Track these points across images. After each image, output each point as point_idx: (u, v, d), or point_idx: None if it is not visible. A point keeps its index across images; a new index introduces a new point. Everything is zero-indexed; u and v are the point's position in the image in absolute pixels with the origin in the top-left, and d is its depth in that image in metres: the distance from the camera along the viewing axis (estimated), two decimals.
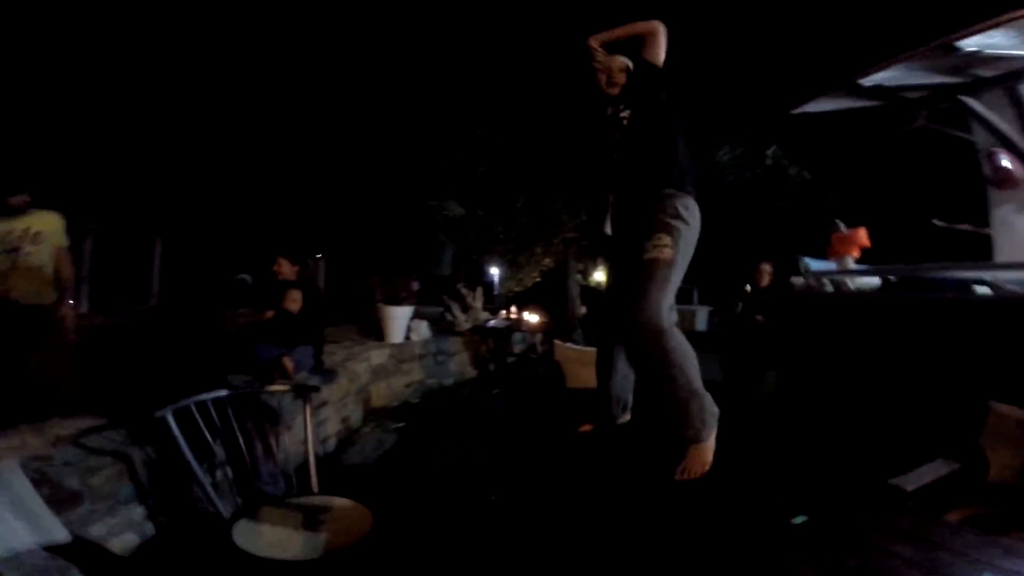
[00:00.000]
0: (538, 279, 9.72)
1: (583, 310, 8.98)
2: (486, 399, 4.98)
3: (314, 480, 2.29)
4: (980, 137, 4.54)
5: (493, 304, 10.06)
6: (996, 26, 2.88)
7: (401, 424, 4.76)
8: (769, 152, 10.35)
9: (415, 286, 9.21)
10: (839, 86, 4.12)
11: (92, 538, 2.03)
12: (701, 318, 17.91)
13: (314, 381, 4.06)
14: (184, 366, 2.91)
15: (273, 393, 3.11)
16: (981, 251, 5.35)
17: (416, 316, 6.79)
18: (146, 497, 2.38)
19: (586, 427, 2.42)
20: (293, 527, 1.91)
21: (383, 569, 2.06)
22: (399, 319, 6.27)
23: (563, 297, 9.25)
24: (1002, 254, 4.57)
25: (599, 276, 12.59)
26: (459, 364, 7.11)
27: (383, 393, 5.36)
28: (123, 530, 2.18)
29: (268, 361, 3.95)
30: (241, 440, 2.75)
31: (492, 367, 7.18)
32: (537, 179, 8.22)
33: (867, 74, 3.86)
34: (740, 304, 5.37)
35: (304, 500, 2.13)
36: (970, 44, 3.18)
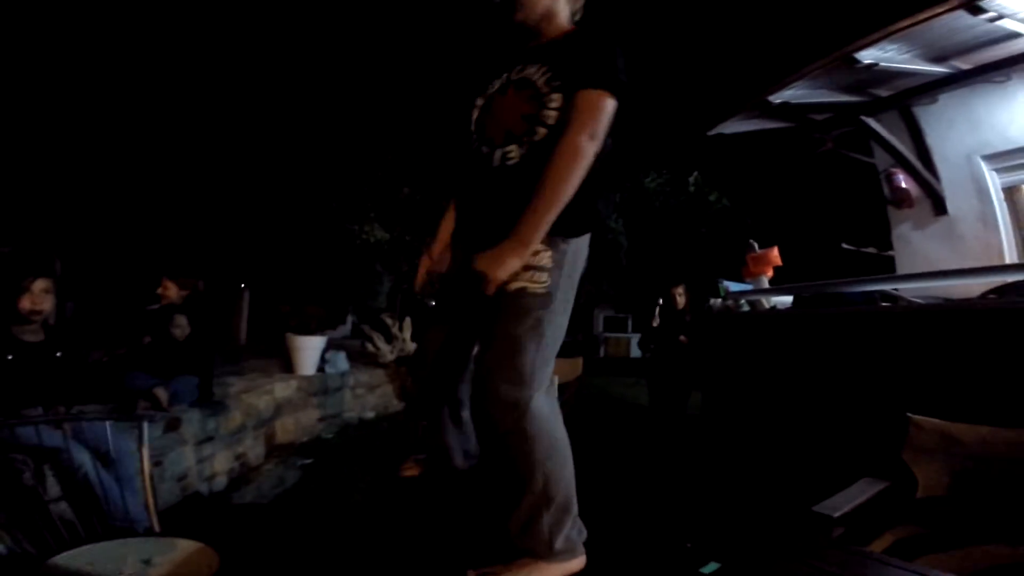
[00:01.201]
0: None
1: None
2: (396, 426, 4.61)
3: (154, 519, 1.98)
4: (880, 158, 4.84)
5: None
6: (892, 35, 3.00)
7: (308, 460, 4.26)
8: (691, 179, 10.79)
9: (351, 319, 8.68)
10: (750, 101, 4.23)
11: None
12: (635, 345, 18.28)
13: (192, 414, 3.57)
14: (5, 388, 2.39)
15: (129, 425, 2.63)
16: (887, 267, 5.66)
17: (336, 347, 6.33)
18: None
19: (410, 470, 1.74)
20: (118, 567, 1.61)
21: None
22: (310, 350, 5.76)
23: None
24: (902, 269, 4.82)
25: None
26: (382, 396, 6.63)
27: (290, 428, 4.82)
28: None
29: (138, 391, 3.45)
30: (79, 475, 2.31)
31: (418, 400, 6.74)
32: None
33: (775, 90, 3.98)
34: (657, 319, 5.35)
35: (142, 540, 1.85)
36: (867, 56, 3.32)
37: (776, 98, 4.07)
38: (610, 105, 1.25)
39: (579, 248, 1.33)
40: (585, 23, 1.50)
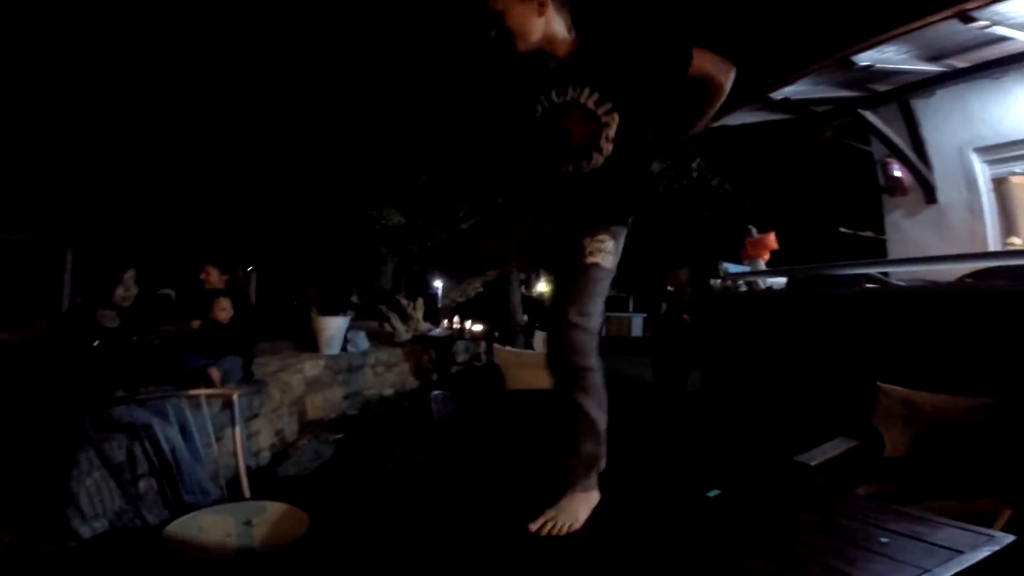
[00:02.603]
0: (481, 290, 9.72)
1: (524, 318, 9.08)
2: (424, 405, 4.93)
3: (245, 486, 2.19)
4: (877, 148, 5.06)
5: (436, 315, 9.97)
6: (885, 41, 3.21)
7: (339, 435, 4.59)
8: (694, 164, 11.00)
9: (354, 299, 8.97)
10: (752, 100, 4.43)
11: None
12: (636, 325, 18.63)
13: (243, 392, 3.88)
14: (93, 377, 2.67)
15: (197, 402, 2.93)
16: (880, 254, 5.92)
17: (354, 327, 6.63)
18: (65, 505, 2.17)
19: None
20: (225, 530, 1.79)
21: (320, 570, 1.97)
22: (335, 330, 6.06)
23: (506, 307, 9.31)
24: (893, 254, 5.08)
25: (541, 287, 12.79)
26: (399, 374, 6.96)
27: (319, 405, 5.14)
28: (39, 539, 1.98)
29: (194, 372, 3.75)
30: (166, 449, 2.61)
31: (435, 376, 7.09)
32: (480, 187, 8.16)
33: (776, 88, 4.18)
34: (663, 305, 5.63)
35: (235, 505, 2.02)
36: (864, 59, 3.53)
37: (777, 94, 4.28)
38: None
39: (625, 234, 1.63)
40: (585, 29, 1.63)
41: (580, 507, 1.48)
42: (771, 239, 4.92)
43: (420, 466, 3.64)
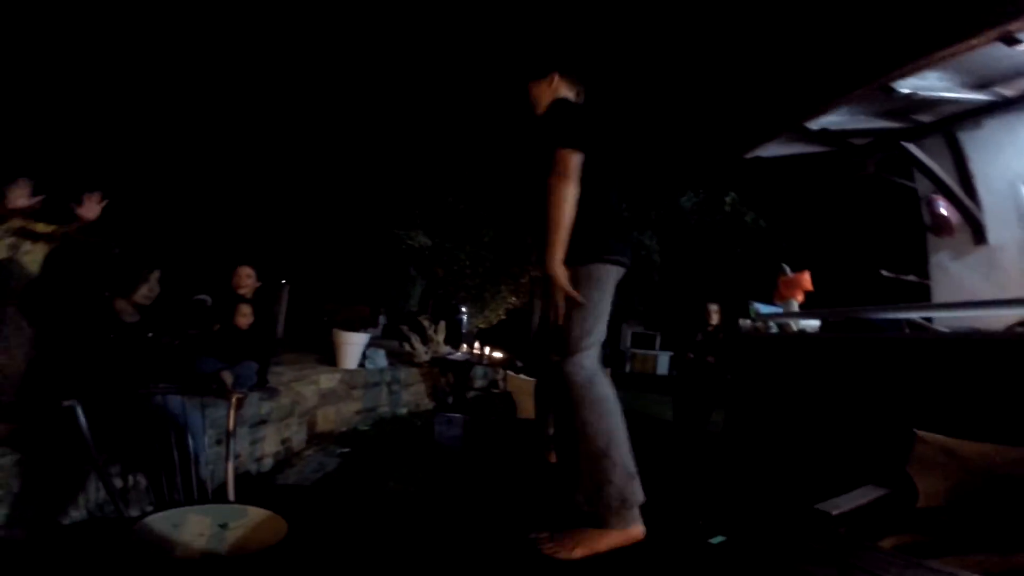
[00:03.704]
0: (504, 317, 9.65)
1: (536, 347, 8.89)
2: (427, 425, 4.83)
3: (231, 490, 2.15)
4: (921, 184, 4.81)
5: (460, 340, 9.93)
6: (926, 67, 3.06)
7: (346, 449, 4.52)
8: (728, 199, 10.81)
9: (382, 319, 9.02)
10: (786, 129, 4.31)
11: None
12: (662, 363, 18.11)
13: (252, 397, 3.87)
14: (102, 368, 2.70)
15: (202, 402, 2.92)
16: (924, 298, 5.58)
17: (377, 345, 6.64)
18: (43, 494, 2.15)
19: (552, 456, 2.16)
20: (199, 530, 1.76)
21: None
22: (354, 345, 6.07)
23: (527, 335, 9.20)
24: (937, 297, 4.75)
25: None
26: (415, 394, 6.88)
27: (331, 418, 5.10)
28: (9, 525, 1.94)
29: (208, 374, 3.78)
30: (157, 445, 2.58)
31: (451, 399, 6.98)
32: (506, 214, 8.20)
33: (812, 117, 4.05)
34: (690, 354, 5.41)
35: (216, 507, 2.00)
36: (905, 86, 3.38)
37: (814, 124, 4.14)
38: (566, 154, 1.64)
39: (599, 272, 1.70)
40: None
41: (591, 541, 1.43)
42: (806, 279, 4.72)
43: (422, 486, 3.52)
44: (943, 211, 4.63)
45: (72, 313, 3.03)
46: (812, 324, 4.45)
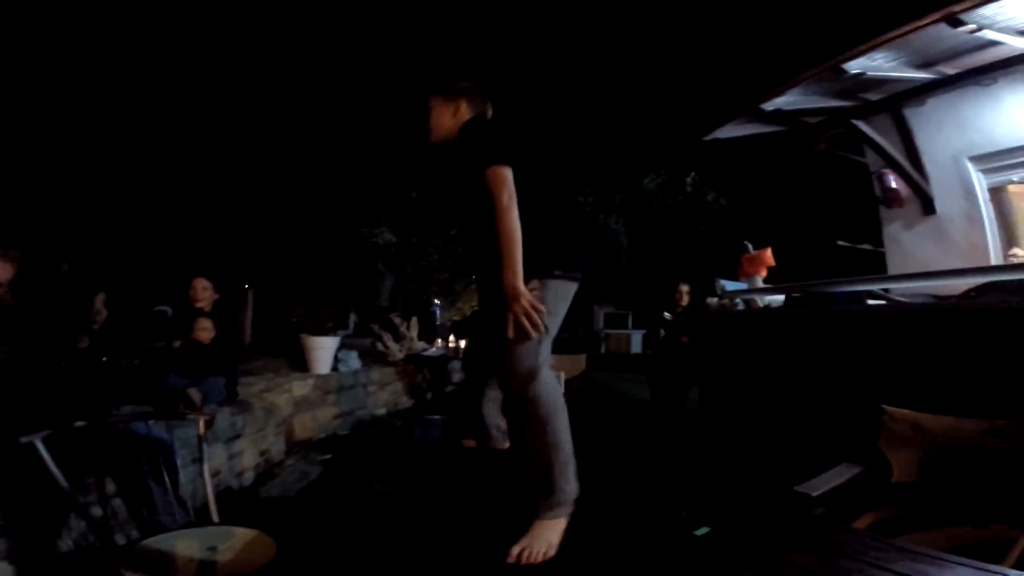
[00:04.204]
0: (476, 307, 9.60)
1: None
2: (406, 425, 4.80)
3: (213, 510, 2.11)
4: (871, 159, 5.00)
5: (434, 334, 9.86)
6: (875, 47, 3.16)
7: (327, 456, 4.46)
8: (689, 179, 11.01)
9: (353, 318, 8.87)
10: (742, 111, 4.38)
11: None
12: (636, 341, 18.46)
13: (223, 412, 3.76)
14: (57, 397, 2.58)
15: (174, 424, 2.84)
16: (879, 267, 5.82)
17: (346, 346, 6.53)
18: (26, 528, 2.07)
19: (470, 443, 2.21)
20: (189, 555, 1.73)
21: None
22: (324, 349, 5.96)
23: (502, 324, 9.18)
24: (892, 267, 4.98)
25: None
26: (392, 394, 6.83)
27: (308, 425, 5.01)
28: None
29: (173, 392, 3.64)
30: (131, 472, 2.49)
31: (429, 396, 6.95)
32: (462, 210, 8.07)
33: (767, 98, 4.14)
34: (661, 331, 5.51)
35: (202, 530, 1.96)
36: (854, 66, 3.48)
37: (768, 105, 4.24)
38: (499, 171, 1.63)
39: (555, 287, 1.70)
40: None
41: (551, 533, 1.49)
42: (768, 255, 4.82)
43: (406, 488, 3.51)
44: (893, 184, 4.83)
45: (19, 342, 2.88)
46: (778, 299, 4.57)
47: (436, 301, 10.58)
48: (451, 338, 9.04)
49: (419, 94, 2.00)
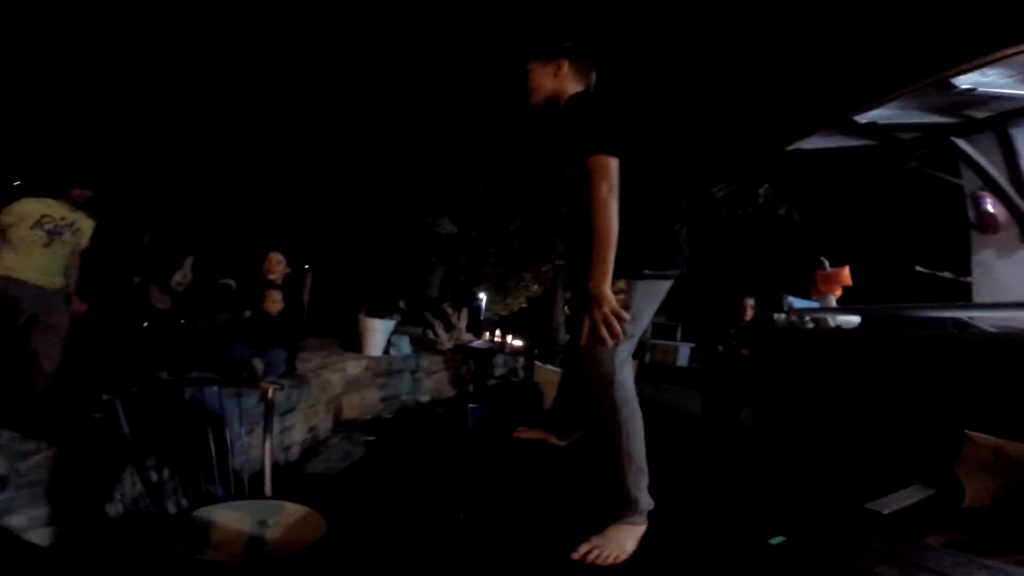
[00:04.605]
0: (525, 305, 9.61)
1: (567, 337, 8.88)
2: (460, 415, 4.84)
3: (268, 484, 2.16)
4: (968, 180, 4.63)
5: (479, 327, 9.95)
6: (992, 63, 2.91)
7: (371, 437, 4.56)
8: (761, 190, 10.50)
9: (402, 305, 9.08)
10: (834, 122, 4.16)
11: (11, 527, 1.83)
12: (683, 354, 17.97)
13: (283, 385, 3.91)
14: (141, 353, 2.74)
15: (237, 392, 2.95)
16: (962, 296, 5.39)
17: (398, 332, 6.67)
18: (80, 489, 2.18)
19: (526, 433, 2.11)
20: (239, 528, 1.75)
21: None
22: (379, 332, 6.11)
23: (548, 324, 9.17)
24: (980, 295, 4.60)
25: None
26: (437, 382, 6.93)
27: (356, 405, 5.15)
28: (46, 522, 1.97)
29: (238, 361, 3.81)
30: (193, 437, 2.61)
31: (471, 388, 7.01)
32: (533, 201, 8.03)
33: (863, 110, 3.90)
34: (720, 347, 5.31)
35: (254, 503, 1.99)
36: (965, 81, 3.23)
37: (862, 118, 3.99)
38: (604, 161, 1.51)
39: (647, 288, 1.60)
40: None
41: (626, 539, 1.44)
42: (845, 274, 4.60)
43: (450, 479, 3.53)
44: (990, 208, 4.46)
45: (106, 303, 3.08)
46: (851, 320, 4.35)
47: (481, 295, 10.65)
48: (497, 332, 9.10)
49: (515, 59, 1.86)
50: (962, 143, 4.32)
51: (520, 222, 8.07)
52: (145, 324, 2.88)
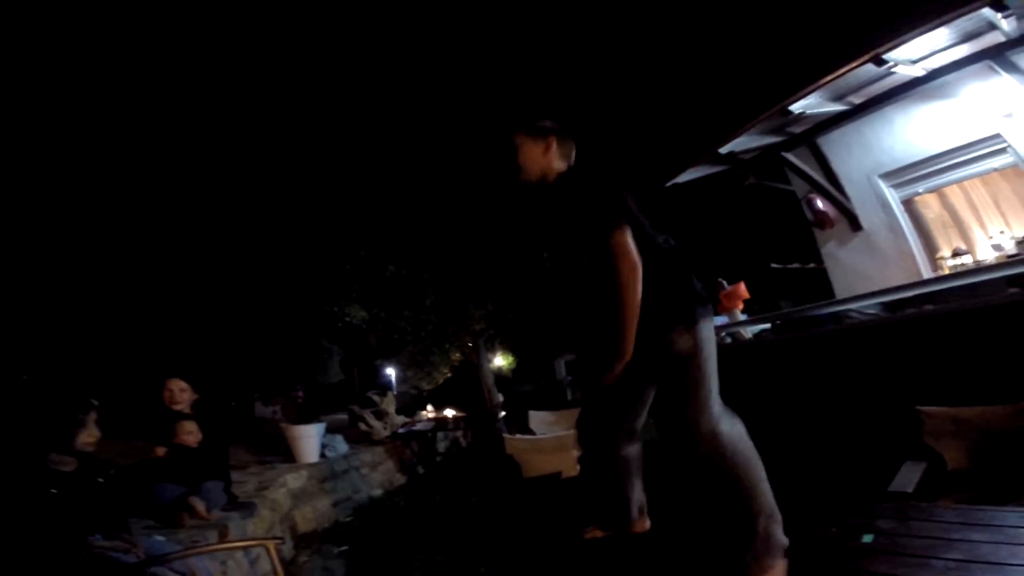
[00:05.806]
0: (449, 375, 9.43)
1: (500, 397, 8.88)
2: (457, 508, 4.56)
3: None
4: (797, 186, 5.59)
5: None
6: (816, 88, 3.63)
7: (344, 547, 4.18)
8: None
9: (299, 395, 8.36)
10: (705, 154, 4.77)
11: None
12: None
13: (232, 517, 3.49)
14: (59, 526, 2.28)
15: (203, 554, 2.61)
16: (813, 283, 6.28)
17: (329, 431, 6.24)
18: None
19: (596, 533, 2.02)
20: None
21: None
22: (312, 438, 5.69)
23: (477, 388, 9.08)
24: (835, 282, 5.38)
25: (499, 361, 12.58)
26: (385, 473, 6.54)
27: (309, 517, 4.71)
28: None
29: (171, 502, 3.36)
30: None
31: (421, 470, 6.71)
32: (446, 273, 8.01)
33: (726, 141, 4.56)
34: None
35: None
36: (798, 106, 3.98)
37: (724, 149, 4.70)
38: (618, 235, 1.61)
39: (700, 332, 1.68)
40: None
41: None
42: (742, 289, 5.16)
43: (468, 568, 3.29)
44: (821, 206, 5.38)
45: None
46: (764, 328, 4.79)
47: (389, 371, 10.22)
48: (428, 408, 8.81)
49: (503, 131, 1.94)
50: (790, 156, 5.26)
51: (434, 298, 8.00)
52: (53, 491, 2.40)
